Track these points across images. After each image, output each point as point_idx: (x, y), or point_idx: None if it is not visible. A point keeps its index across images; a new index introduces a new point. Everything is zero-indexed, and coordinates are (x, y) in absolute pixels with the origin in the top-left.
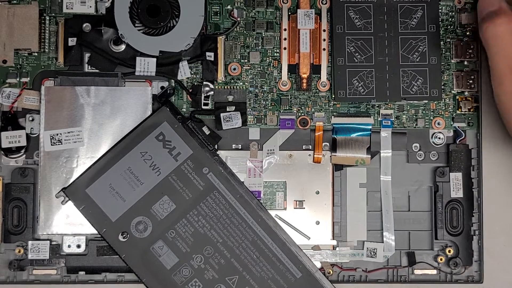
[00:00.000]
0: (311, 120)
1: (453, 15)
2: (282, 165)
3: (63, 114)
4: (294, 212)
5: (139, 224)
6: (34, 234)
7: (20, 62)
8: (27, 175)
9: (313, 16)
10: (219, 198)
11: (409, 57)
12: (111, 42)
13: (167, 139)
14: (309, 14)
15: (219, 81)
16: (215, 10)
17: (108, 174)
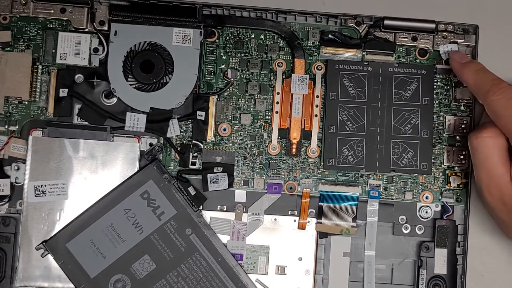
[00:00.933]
0: (299, 186)
1: (448, 89)
2: (267, 229)
3: (49, 165)
4: (275, 277)
5: (118, 282)
6: (12, 285)
7: (9, 109)
8: (8, 224)
9: (307, 81)
10: (200, 261)
11: (401, 129)
12: (103, 95)
13: (152, 197)
14: (303, 79)
15: (209, 141)
16: (209, 69)
17: (90, 230)
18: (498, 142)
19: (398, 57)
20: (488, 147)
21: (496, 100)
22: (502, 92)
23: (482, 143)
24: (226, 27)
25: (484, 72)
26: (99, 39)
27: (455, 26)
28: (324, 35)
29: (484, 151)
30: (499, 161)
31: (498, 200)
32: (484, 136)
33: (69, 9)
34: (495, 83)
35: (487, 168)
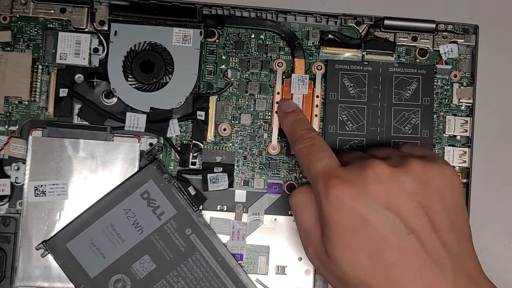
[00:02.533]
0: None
1: (448, 89)
2: (267, 229)
3: (49, 165)
4: (275, 277)
5: (118, 282)
6: (12, 285)
7: (9, 109)
8: (8, 224)
9: (307, 81)
10: (200, 261)
11: (401, 129)
12: (103, 95)
13: (152, 197)
14: (303, 79)
15: (209, 141)
16: (209, 69)
17: (90, 230)
18: (309, 197)
19: (398, 57)
20: (300, 203)
21: (301, 148)
22: (308, 140)
23: (295, 200)
24: (226, 27)
25: (300, 122)
26: (99, 39)
27: (455, 26)
28: (324, 35)
29: (297, 208)
30: (310, 217)
31: (315, 258)
32: (296, 192)
33: (69, 9)
34: (304, 133)
35: (302, 225)
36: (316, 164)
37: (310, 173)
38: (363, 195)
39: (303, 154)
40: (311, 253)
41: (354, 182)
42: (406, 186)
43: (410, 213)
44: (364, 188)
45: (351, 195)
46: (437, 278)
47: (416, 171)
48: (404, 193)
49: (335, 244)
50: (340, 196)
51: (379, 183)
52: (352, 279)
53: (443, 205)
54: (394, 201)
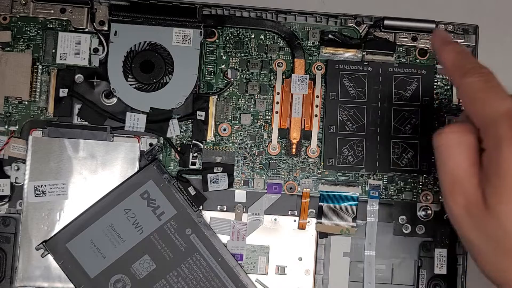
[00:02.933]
0: (299, 186)
1: (448, 89)
2: (267, 229)
3: (49, 165)
4: (275, 277)
5: (118, 282)
6: (12, 285)
7: (9, 109)
8: (8, 224)
9: (307, 81)
10: (200, 261)
11: (401, 129)
12: (103, 95)
13: (152, 197)
14: (303, 79)
15: (209, 141)
16: (209, 69)
17: (90, 230)
18: (464, 139)
19: (398, 57)
20: (452, 144)
21: (473, 82)
22: (481, 75)
23: (445, 140)
24: (226, 27)
25: (466, 54)
26: (99, 39)
27: (455, 26)
28: (324, 35)
29: (447, 149)
30: (464, 161)
31: (463, 210)
32: (447, 131)
33: (69, 9)
34: (476, 66)
35: (450, 170)
36: (497, 102)
37: (486, 111)
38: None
39: (476, 89)
40: (459, 202)
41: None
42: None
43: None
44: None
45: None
46: None
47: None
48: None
49: (505, 196)
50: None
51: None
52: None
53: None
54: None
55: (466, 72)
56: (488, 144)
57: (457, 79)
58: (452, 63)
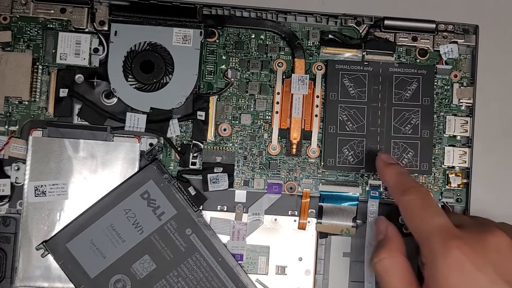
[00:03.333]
0: (299, 186)
1: (448, 89)
2: (267, 229)
3: (49, 165)
4: (275, 277)
5: (118, 282)
6: (12, 285)
7: (9, 109)
8: (8, 224)
9: (307, 81)
10: (200, 261)
11: (401, 129)
12: (103, 95)
13: (152, 197)
14: (303, 79)
15: (209, 141)
16: (209, 69)
17: (90, 230)
18: (396, 262)
19: (398, 57)
20: (388, 269)
21: (411, 200)
22: (418, 193)
23: (381, 267)
24: (226, 27)
25: (405, 175)
26: (99, 39)
27: (455, 26)
28: (324, 35)
29: (385, 273)
30: (400, 282)
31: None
32: (381, 258)
33: (69, 9)
34: (414, 185)
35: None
36: (430, 220)
37: (422, 227)
38: (484, 263)
39: (414, 206)
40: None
41: (476, 247)
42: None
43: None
44: (485, 255)
45: (473, 260)
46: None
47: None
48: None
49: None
50: (461, 259)
51: (500, 253)
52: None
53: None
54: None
55: (405, 190)
56: (425, 258)
57: (397, 197)
58: (394, 182)
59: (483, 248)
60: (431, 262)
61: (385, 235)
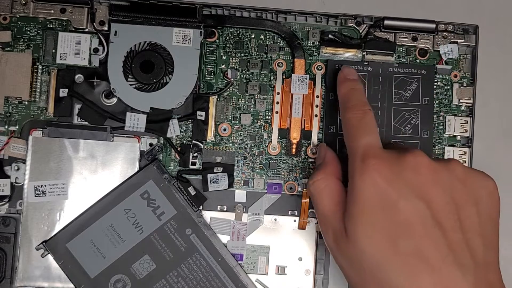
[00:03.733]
0: (299, 186)
1: (448, 89)
2: (267, 229)
3: (49, 165)
4: (275, 277)
5: (118, 282)
6: (12, 285)
7: (9, 109)
8: (8, 224)
9: (307, 81)
10: (200, 261)
11: (401, 129)
12: (103, 95)
13: (152, 197)
14: (303, 79)
15: (209, 141)
16: (209, 69)
17: (90, 230)
18: (328, 183)
19: (398, 57)
20: (320, 190)
21: (350, 118)
22: (361, 112)
23: (314, 187)
24: (226, 27)
25: (357, 92)
26: (99, 39)
27: (455, 26)
28: (324, 35)
29: (317, 194)
30: (329, 202)
31: (333, 242)
32: (314, 180)
33: (69, 9)
34: (359, 104)
35: (321, 210)
36: (360, 138)
37: (351, 145)
38: (397, 180)
39: (351, 125)
40: (330, 236)
41: (392, 166)
42: (443, 181)
43: (441, 207)
44: (400, 173)
45: (386, 177)
46: (457, 277)
47: (456, 171)
48: (439, 186)
49: (358, 221)
50: (375, 176)
51: (416, 172)
52: (368, 260)
53: (477, 210)
54: (428, 192)
55: (349, 107)
56: (349, 173)
57: (341, 113)
58: (343, 98)
59: (399, 167)
60: (351, 177)
61: (323, 160)
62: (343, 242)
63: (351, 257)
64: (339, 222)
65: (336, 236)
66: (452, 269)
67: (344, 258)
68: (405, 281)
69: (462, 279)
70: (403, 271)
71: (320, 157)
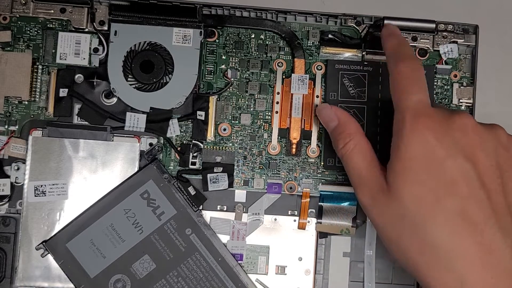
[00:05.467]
0: (299, 186)
1: (448, 89)
2: (267, 229)
3: (49, 165)
4: (275, 277)
5: (118, 282)
6: (12, 285)
7: (9, 109)
8: (8, 224)
9: (307, 81)
10: (200, 260)
11: None
12: (103, 95)
13: (152, 197)
14: (303, 79)
15: (209, 141)
16: (209, 69)
17: (90, 230)
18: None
19: None
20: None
21: (402, 70)
22: (414, 64)
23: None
24: (226, 27)
25: (405, 45)
26: (99, 39)
27: (455, 26)
28: (324, 35)
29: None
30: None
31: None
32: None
33: (69, 9)
34: (410, 56)
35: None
36: (412, 94)
37: (401, 98)
38: (447, 139)
39: (403, 77)
40: (366, 194)
41: (442, 125)
42: (488, 145)
43: (486, 169)
44: (449, 132)
45: (436, 136)
46: (498, 239)
47: (501, 136)
48: (484, 150)
49: (404, 177)
50: (426, 134)
51: (464, 133)
52: (411, 216)
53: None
54: (474, 153)
55: (400, 59)
56: (395, 127)
57: (391, 65)
58: (391, 50)
59: (448, 126)
60: (398, 132)
61: (339, 120)
62: (383, 199)
63: (392, 213)
64: (377, 179)
65: (373, 193)
66: (493, 231)
67: (383, 214)
68: (447, 238)
69: (503, 241)
70: (446, 229)
71: (331, 119)
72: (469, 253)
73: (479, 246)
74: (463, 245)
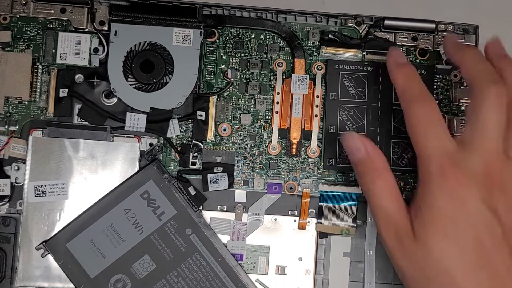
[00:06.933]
0: (299, 186)
1: (448, 89)
2: (267, 229)
3: (49, 165)
4: (275, 277)
5: (118, 282)
6: (12, 285)
7: (9, 109)
8: (8, 224)
9: (307, 81)
10: (200, 261)
11: (401, 129)
12: (103, 95)
13: (152, 197)
14: (303, 79)
15: (209, 141)
16: (209, 69)
17: (90, 230)
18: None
19: None
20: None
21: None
22: (428, 104)
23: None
24: (226, 27)
25: (415, 79)
26: (99, 39)
27: (455, 26)
28: (324, 35)
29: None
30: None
31: (395, 241)
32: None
33: (69, 9)
34: (422, 94)
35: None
36: (433, 140)
37: (422, 147)
38: (476, 192)
39: (419, 121)
40: (391, 234)
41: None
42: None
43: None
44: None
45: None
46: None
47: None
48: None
49: (431, 227)
50: (455, 186)
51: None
52: (435, 264)
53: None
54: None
55: (413, 99)
56: (421, 176)
57: (404, 104)
58: (402, 87)
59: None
60: (425, 182)
61: (367, 152)
62: (408, 243)
63: (416, 258)
64: (404, 220)
65: (400, 236)
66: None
67: (406, 257)
68: None
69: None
70: (470, 280)
71: (358, 149)
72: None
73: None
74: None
